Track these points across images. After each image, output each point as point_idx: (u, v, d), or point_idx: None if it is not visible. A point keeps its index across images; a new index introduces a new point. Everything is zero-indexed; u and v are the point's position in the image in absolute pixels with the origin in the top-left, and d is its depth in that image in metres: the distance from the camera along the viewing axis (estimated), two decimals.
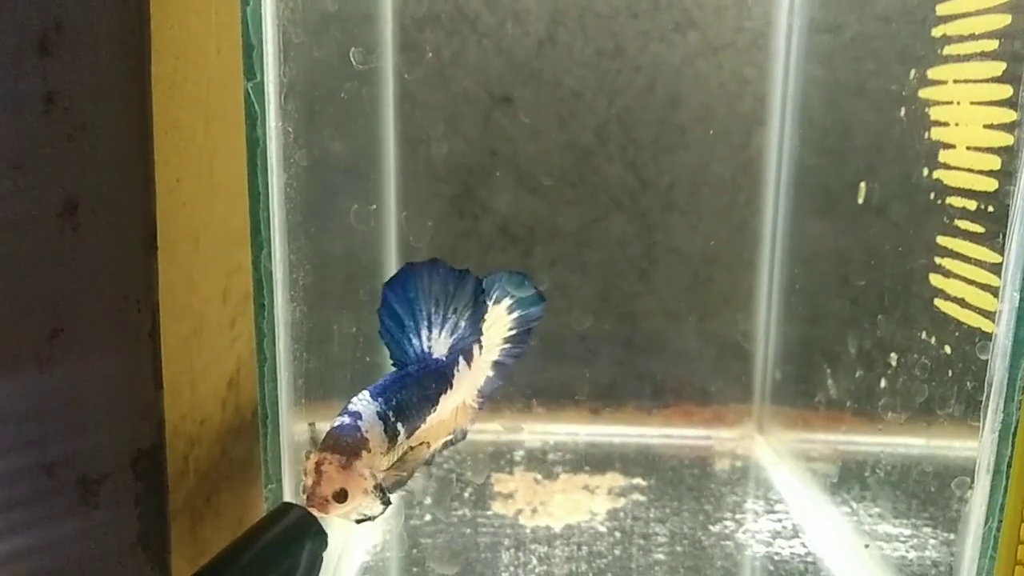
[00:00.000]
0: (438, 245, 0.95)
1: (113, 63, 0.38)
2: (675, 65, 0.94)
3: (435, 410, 0.49)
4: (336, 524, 0.45)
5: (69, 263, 0.40)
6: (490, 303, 0.52)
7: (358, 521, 0.45)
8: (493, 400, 0.54)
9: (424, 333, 0.48)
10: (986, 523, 0.49)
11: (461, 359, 0.50)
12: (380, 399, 0.45)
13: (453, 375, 0.50)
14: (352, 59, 0.58)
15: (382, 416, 0.44)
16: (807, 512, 0.74)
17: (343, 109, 0.69)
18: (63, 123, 0.38)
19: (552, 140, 0.95)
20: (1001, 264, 0.48)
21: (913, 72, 0.59)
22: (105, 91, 0.38)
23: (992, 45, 0.50)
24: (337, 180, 0.72)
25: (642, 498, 0.76)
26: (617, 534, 0.70)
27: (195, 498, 0.62)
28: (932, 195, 0.56)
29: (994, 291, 0.49)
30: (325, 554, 0.44)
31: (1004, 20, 0.49)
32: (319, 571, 0.44)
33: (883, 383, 0.63)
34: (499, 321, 0.54)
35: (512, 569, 0.64)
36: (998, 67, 0.49)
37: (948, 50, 0.55)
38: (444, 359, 0.49)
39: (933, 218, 0.56)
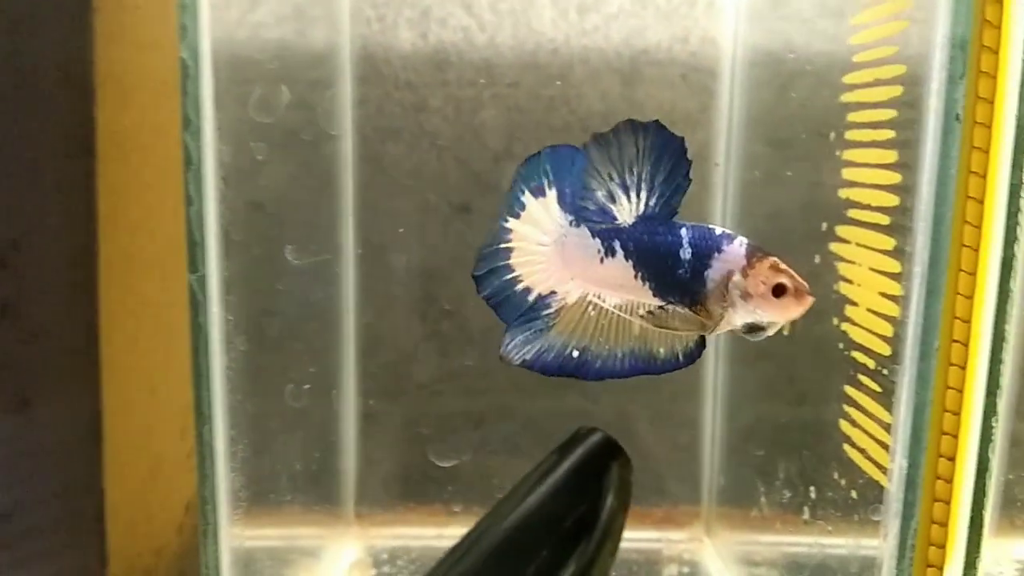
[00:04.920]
0: (400, 346, 0.98)
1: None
2: None
3: None
4: None
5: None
6: None
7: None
8: None
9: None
10: None
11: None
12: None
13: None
14: (288, 256, 0.62)
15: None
16: None
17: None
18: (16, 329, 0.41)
19: None
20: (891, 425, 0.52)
21: (824, 224, 0.64)
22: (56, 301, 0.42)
23: (885, 220, 0.55)
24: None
25: None
26: None
27: None
28: (841, 345, 0.60)
29: (889, 449, 0.53)
30: None
31: (893, 200, 0.54)
32: (630, 497, 0.41)
33: (806, 512, 0.66)
34: None
35: None
36: (889, 242, 0.54)
37: (852, 214, 0.59)
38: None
39: (840, 368, 0.60)
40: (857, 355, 0.58)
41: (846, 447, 0.59)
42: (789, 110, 0.76)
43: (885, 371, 0.54)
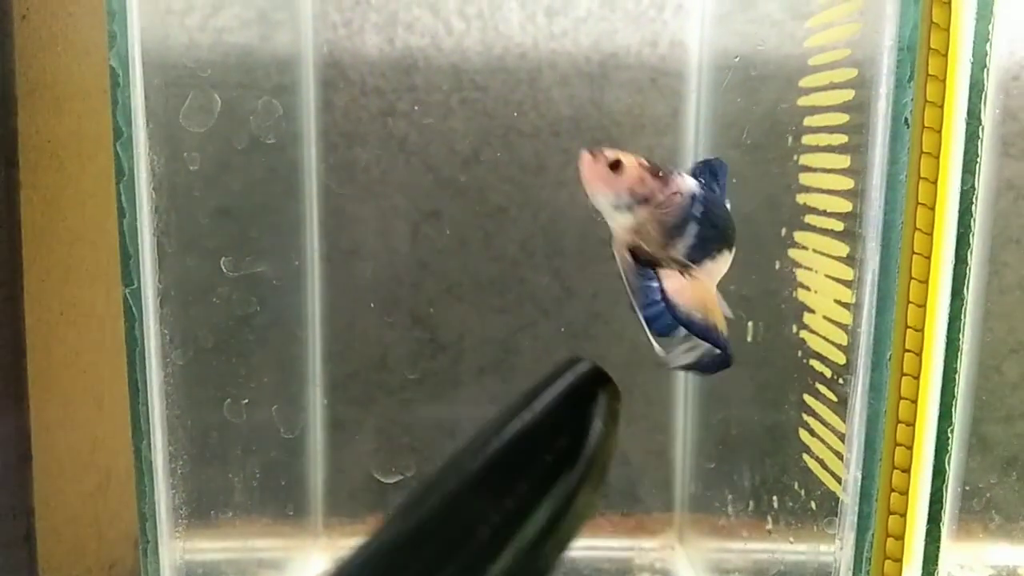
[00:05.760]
0: (369, 354, 0.97)
1: None
2: None
3: (715, 257, 0.51)
4: None
5: None
6: None
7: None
8: None
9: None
10: None
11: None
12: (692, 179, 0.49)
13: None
14: (222, 267, 0.61)
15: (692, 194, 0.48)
16: None
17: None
18: None
19: (480, 251, 0.99)
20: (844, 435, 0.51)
21: (784, 230, 0.63)
22: None
23: (839, 226, 0.54)
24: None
25: None
26: None
27: None
28: (799, 353, 0.59)
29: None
30: None
31: (847, 206, 0.53)
32: (617, 428, 0.39)
33: (769, 521, 0.65)
34: None
35: None
36: (843, 249, 0.53)
37: (809, 219, 0.58)
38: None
39: (799, 376, 0.59)
40: (815, 363, 0.57)
41: (805, 457, 0.58)
42: (754, 114, 0.75)
43: (841, 380, 0.53)
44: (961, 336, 0.48)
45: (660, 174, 0.49)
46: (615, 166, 0.49)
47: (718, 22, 0.90)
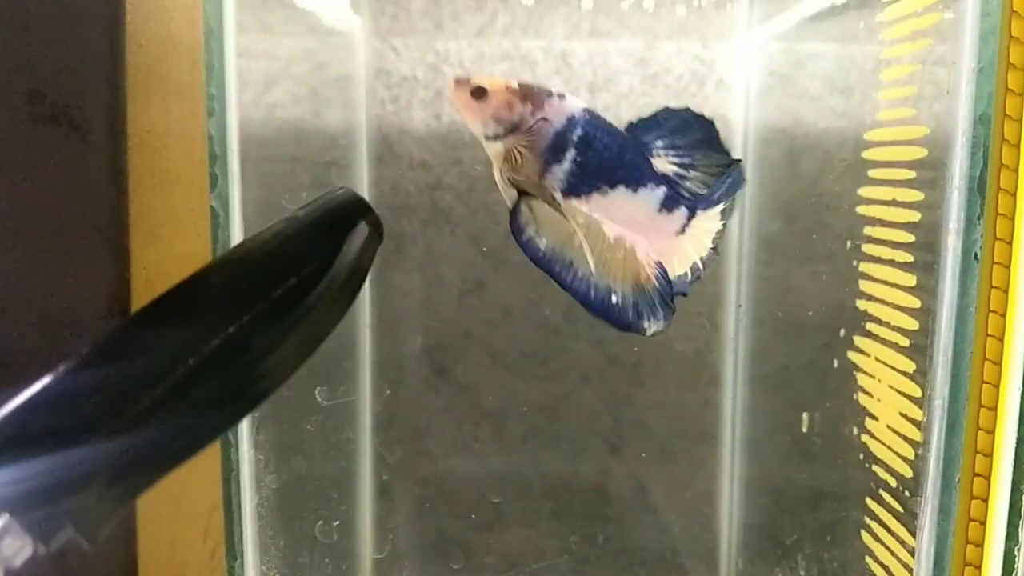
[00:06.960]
0: (414, 422, 0.99)
1: None
2: None
3: (605, 192, 0.47)
4: None
5: None
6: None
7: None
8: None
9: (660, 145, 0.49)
10: None
11: (664, 186, 0.47)
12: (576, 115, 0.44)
13: (646, 181, 0.47)
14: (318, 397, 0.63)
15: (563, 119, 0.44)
16: None
17: None
18: None
19: (523, 321, 1.00)
20: (915, 550, 0.52)
21: (842, 331, 0.64)
22: None
23: (905, 341, 0.55)
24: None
25: None
26: None
27: None
28: (861, 456, 0.60)
29: (911, 571, 0.53)
30: None
31: (912, 323, 0.54)
32: (368, 262, 0.37)
33: None
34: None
35: None
36: (910, 364, 0.54)
37: (870, 327, 0.60)
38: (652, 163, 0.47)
39: (861, 479, 0.60)
40: (878, 470, 0.58)
41: (869, 560, 0.59)
42: (801, 189, 0.76)
43: (907, 492, 0.54)
44: None
45: (532, 98, 0.46)
46: (478, 93, 0.46)
47: (762, 98, 0.92)
